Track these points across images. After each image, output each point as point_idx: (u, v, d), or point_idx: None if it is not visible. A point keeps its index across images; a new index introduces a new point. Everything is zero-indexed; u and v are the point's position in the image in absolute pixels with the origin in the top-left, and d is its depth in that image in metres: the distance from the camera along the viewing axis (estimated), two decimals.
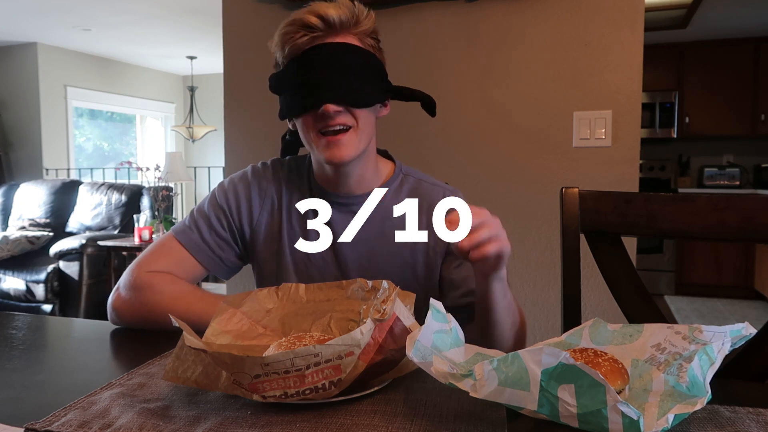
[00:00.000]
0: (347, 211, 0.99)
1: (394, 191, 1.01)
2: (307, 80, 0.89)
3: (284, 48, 0.91)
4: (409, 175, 1.04)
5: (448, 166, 1.87)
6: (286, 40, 0.90)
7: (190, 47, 6.07)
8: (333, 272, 1.00)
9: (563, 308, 1.03)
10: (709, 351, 0.57)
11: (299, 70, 0.90)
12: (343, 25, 0.90)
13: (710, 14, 4.09)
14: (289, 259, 1.01)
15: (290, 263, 1.01)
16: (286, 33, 0.90)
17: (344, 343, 0.59)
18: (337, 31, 0.90)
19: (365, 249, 0.99)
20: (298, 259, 1.01)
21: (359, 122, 0.91)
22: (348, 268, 1.00)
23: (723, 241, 1.00)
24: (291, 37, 0.89)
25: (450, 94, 1.86)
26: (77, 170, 6.16)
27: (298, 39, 0.89)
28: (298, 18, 0.89)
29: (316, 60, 0.89)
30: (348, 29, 0.91)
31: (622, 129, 1.72)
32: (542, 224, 1.80)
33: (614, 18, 1.71)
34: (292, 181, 1.04)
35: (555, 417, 0.54)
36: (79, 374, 0.75)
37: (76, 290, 3.83)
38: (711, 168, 5.16)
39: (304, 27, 0.88)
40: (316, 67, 0.88)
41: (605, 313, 1.71)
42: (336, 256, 1.00)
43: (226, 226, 1.02)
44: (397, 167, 1.04)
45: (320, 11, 0.88)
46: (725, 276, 4.67)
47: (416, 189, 1.02)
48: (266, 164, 1.06)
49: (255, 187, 1.03)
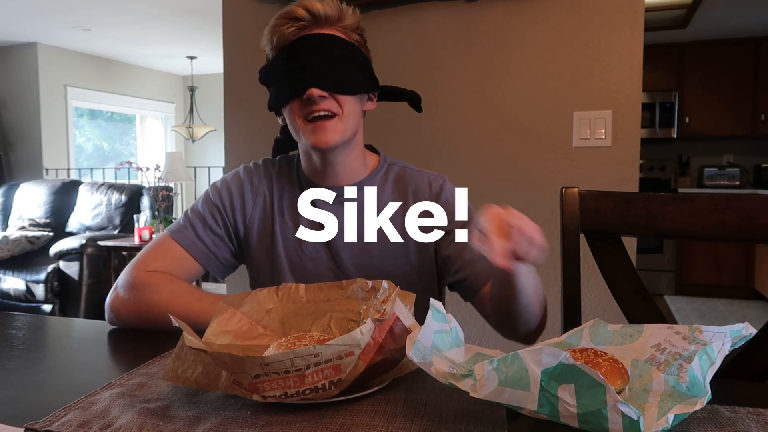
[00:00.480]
0: (336, 201, 0.98)
1: (381, 180, 1.04)
2: (293, 67, 0.93)
3: (272, 39, 0.96)
4: (394, 164, 1.07)
5: (448, 166, 1.86)
6: (275, 32, 0.95)
7: (190, 47, 6.07)
8: (327, 264, 1.01)
9: (563, 308, 1.03)
10: (709, 351, 0.57)
11: (286, 60, 0.94)
12: (329, 18, 0.94)
13: (710, 14, 4.09)
14: (283, 253, 1.02)
15: (284, 257, 1.02)
16: (274, 26, 0.95)
17: (344, 343, 0.59)
18: (323, 24, 0.94)
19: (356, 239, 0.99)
20: (292, 253, 1.02)
21: (344, 110, 0.94)
22: (341, 258, 1.01)
23: (723, 241, 1.00)
24: (279, 28, 0.95)
25: (450, 94, 1.86)
26: (77, 170, 6.16)
27: (286, 30, 0.94)
28: (286, 11, 0.94)
29: (302, 49, 0.93)
30: (333, 23, 0.95)
31: (622, 129, 1.72)
32: (542, 224, 1.78)
33: (614, 18, 1.71)
34: (282, 177, 1.07)
35: (555, 417, 0.54)
36: (79, 374, 0.75)
37: (76, 290, 3.83)
38: (711, 168, 5.16)
39: (291, 19, 0.94)
40: (302, 55, 0.93)
41: (605, 313, 1.71)
42: (329, 248, 1.01)
43: (220, 223, 1.04)
44: (382, 158, 1.07)
45: (307, 5, 0.93)
46: (725, 276, 4.67)
47: (402, 177, 1.05)
48: (257, 163, 1.09)
49: (247, 184, 1.06)
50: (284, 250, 1.02)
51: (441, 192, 1.02)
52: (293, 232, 1.01)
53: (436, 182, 1.03)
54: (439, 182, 1.03)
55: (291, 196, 1.04)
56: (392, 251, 1.00)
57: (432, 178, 1.04)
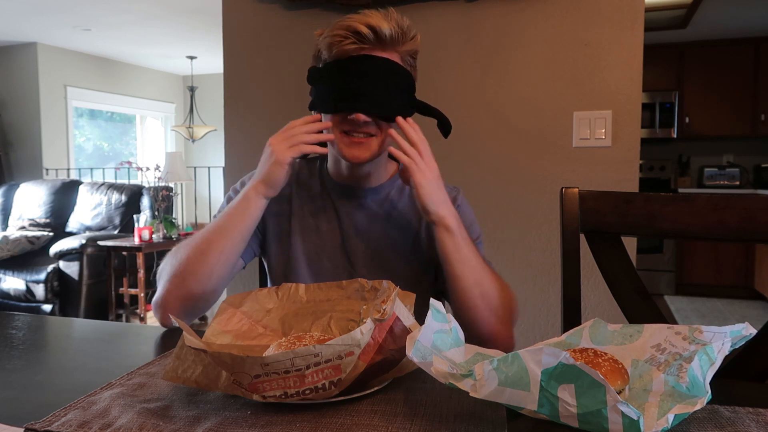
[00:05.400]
0: (356, 203, 1.05)
1: (399, 186, 1.07)
2: (345, 84, 0.92)
3: (331, 49, 0.93)
4: None
5: (448, 166, 1.86)
6: (335, 42, 0.92)
7: (190, 47, 6.07)
8: (342, 262, 1.04)
9: (563, 308, 1.03)
10: (709, 351, 0.57)
11: (341, 73, 0.93)
12: (393, 41, 0.93)
13: (710, 14, 4.09)
14: (301, 249, 1.04)
15: (302, 253, 1.04)
16: (336, 35, 0.92)
17: (344, 343, 0.59)
18: (385, 46, 0.93)
19: (371, 240, 1.04)
20: (311, 250, 1.05)
21: (382, 131, 0.96)
22: (357, 258, 1.04)
23: (723, 241, 1.00)
24: (340, 41, 0.92)
25: (450, 94, 1.86)
26: (77, 170, 6.16)
27: (347, 45, 0.92)
28: (352, 24, 0.91)
29: (358, 68, 0.92)
30: (395, 46, 0.94)
31: (622, 129, 1.72)
32: (542, 224, 1.80)
33: (614, 18, 1.71)
34: (302, 175, 1.09)
35: (555, 417, 0.54)
36: (79, 374, 0.75)
37: (76, 290, 3.83)
38: (711, 168, 5.16)
39: (354, 34, 0.91)
40: (358, 75, 0.92)
41: (605, 313, 1.71)
42: (344, 247, 1.04)
43: None
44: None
45: (373, 23, 0.91)
46: (725, 276, 4.67)
47: None
48: None
49: None
50: (303, 246, 1.04)
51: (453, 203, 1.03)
52: (313, 229, 1.05)
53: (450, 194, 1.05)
54: (452, 194, 1.05)
55: (312, 197, 1.07)
56: (404, 254, 1.03)
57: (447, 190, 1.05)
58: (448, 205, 0.93)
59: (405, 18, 0.95)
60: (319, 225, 1.05)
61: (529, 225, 1.81)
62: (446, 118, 1.04)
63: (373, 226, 1.04)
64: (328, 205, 1.06)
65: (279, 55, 1.99)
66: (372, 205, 1.05)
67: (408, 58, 0.98)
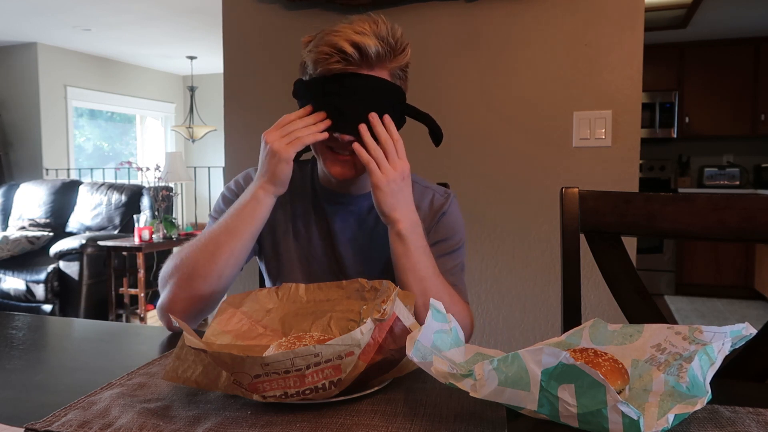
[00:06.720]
0: (346, 209, 1.05)
1: None
2: (331, 102, 0.90)
3: (316, 66, 0.90)
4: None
5: (448, 165, 1.87)
6: (320, 60, 0.89)
7: (190, 47, 6.07)
8: (332, 267, 1.04)
9: (563, 308, 1.03)
10: (709, 351, 0.57)
11: (326, 91, 0.90)
12: (379, 58, 0.89)
13: (710, 14, 4.09)
14: (293, 253, 1.04)
15: (294, 257, 1.04)
16: (321, 52, 0.88)
17: (344, 343, 0.59)
18: (372, 65, 0.89)
19: (360, 246, 1.04)
20: (301, 254, 1.04)
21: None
22: (345, 264, 1.04)
23: (723, 241, 1.00)
24: (325, 59, 0.88)
25: (450, 94, 1.86)
26: (77, 170, 6.16)
27: (332, 64, 0.88)
28: (338, 43, 0.87)
29: (344, 87, 0.89)
30: (383, 63, 0.90)
31: (622, 129, 1.72)
32: (542, 224, 1.80)
33: (614, 18, 1.71)
34: (294, 180, 1.06)
35: (555, 417, 0.54)
36: (79, 374, 0.75)
37: (76, 290, 3.83)
38: (711, 168, 5.16)
39: (339, 53, 0.87)
40: (343, 94, 0.89)
41: (605, 313, 1.71)
42: (333, 252, 1.04)
43: None
44: None
45: (359, 41, 0.86)
46: (725, 276, 4.67)
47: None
48: None
49: None
50: (295, 250, 1.04)
51: (439, 210, 1.03)
52: (304, 233, 1.05)
53: (438, 200, 1.04)
54: (440, 201, 1.04)
55: (303, 201, 1.06)
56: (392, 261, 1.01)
57: (437, 196, 1.05)
58: (407, 210, 0.91)
59: (397, 27, 0.91)
60: (309, 229, 1.05)
61: (529, 225, 1.81)
62: (437, 125, 1.00)
63: (361, 232, 1.04)
64: (318, 210, 1.05)
65: (279, 55, 1.99)
66: (361, 211, 1.04)
67: (397, 72, 0.94)
